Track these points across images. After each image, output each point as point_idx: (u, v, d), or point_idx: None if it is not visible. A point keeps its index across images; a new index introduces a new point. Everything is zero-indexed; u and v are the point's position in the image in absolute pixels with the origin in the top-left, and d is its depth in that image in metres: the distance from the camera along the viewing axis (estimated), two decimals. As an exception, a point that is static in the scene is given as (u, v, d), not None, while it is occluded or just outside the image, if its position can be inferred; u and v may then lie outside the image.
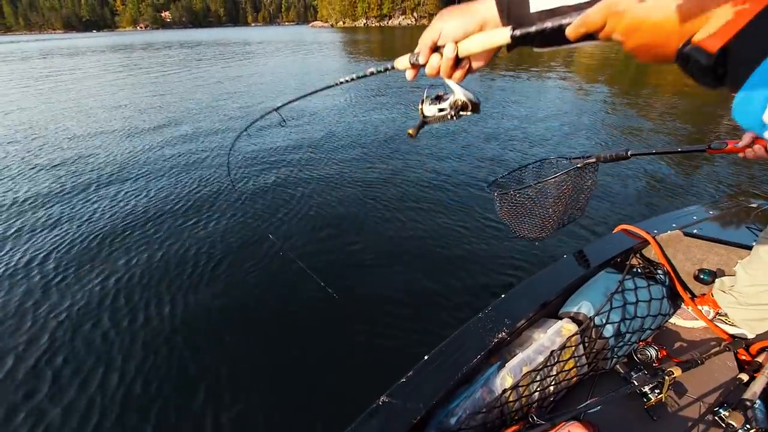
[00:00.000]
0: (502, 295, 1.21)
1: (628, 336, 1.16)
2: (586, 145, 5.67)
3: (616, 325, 1.12)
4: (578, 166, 1.49)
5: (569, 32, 0.45)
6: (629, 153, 1.41)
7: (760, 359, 1.19)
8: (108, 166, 5.29)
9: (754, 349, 1.25)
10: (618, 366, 1.16)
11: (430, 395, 0.94)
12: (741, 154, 0.98)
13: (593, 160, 1.51)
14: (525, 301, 1.19)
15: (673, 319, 1.38)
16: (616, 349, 1.16)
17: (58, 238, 3.49)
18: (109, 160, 5.57)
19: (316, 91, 0.86)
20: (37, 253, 3.26)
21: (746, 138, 0.96)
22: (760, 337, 1.25)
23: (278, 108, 1.01)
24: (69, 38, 71.55)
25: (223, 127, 7.23)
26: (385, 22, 76.12)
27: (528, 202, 1.63)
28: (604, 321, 1.11)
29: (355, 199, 4.07)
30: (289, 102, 0.97)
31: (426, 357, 1.03)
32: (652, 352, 1.16)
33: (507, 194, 1.61)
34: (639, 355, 1.17)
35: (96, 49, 33.41)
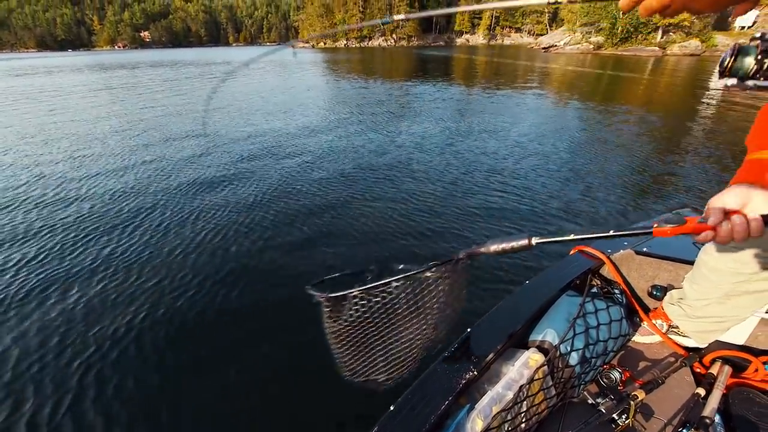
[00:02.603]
0: (468, 329, 1.19)
1: (593, 361, 1.17)
2: (558, 170, 5.77)
3: (581, 351, 1.13)
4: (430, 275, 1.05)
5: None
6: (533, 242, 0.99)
7: (713, 371, 1.22)
8: (89, 198, 5.11)
9: (706, 360, 1.28)
10: (585, 393, 1.17)
11: None
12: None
13: (462, 256, 1.10)
14: (491, 334, 1.17)
15: (632, 337, 1.42)
16: (582, 375, 1.16)
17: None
18: (93, 188, 5.39)
19: None
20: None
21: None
22: (710, 349, 1.29)
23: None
24: (43, 57, 69.97)
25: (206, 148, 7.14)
26: (365, 44, 77.98)
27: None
28: (569, 349, 1.12)
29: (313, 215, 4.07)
30: None
31: (392, 407, 0.98)
32: (616, 374, 1.17)
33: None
34: (604, 380, 1.18)
35: (74, 69, 32.74)
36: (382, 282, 1.09)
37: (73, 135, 8.32)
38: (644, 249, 1.49)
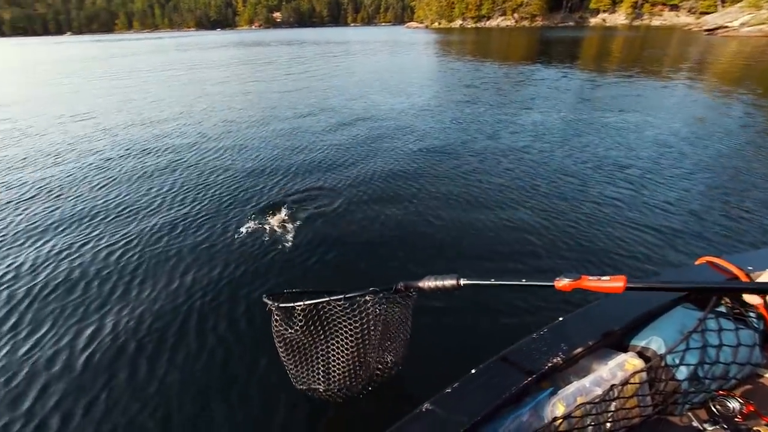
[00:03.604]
0: (560, 318, 1.18)
1: (706, 382, 1.06)
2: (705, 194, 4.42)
3: (691, 367, 1.03)
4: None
5: None
6: (461, 283, 1.25)
7: None
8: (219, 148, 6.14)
9: None
10: (690, 414, 1.06)
11: (475, 410, 0.92)
12: None
13: (401, 287, 1.36)
14: (584, 328, 1.14)
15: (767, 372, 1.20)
16: (690, 394, 1.06)
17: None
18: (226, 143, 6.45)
19: None
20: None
21: None
22: None
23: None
24: (200, 35, 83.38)
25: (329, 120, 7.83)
26: (482, 24, 73.84)
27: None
28: (677, 361, 1.03)
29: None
30: None
31: (473, 371, 1.03)
32: (734, 404, 1.04)
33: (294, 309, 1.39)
34: (717, 406, 1.05)
35: (222, 45, 38.38)
36: (324, 300, 1.38)
37: (225, 102, 9.90)
38: None
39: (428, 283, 1.32)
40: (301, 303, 1.41)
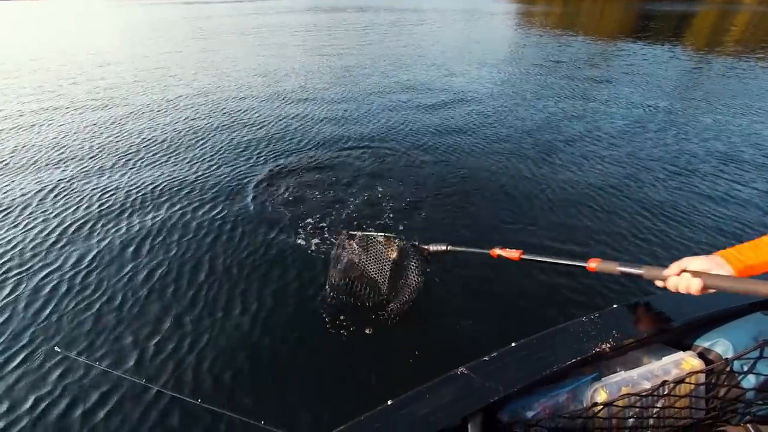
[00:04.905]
0: (614, 305, 1.13)
1: (777, 397, 0.97)
2: None
3: (762, 378, 0.95)
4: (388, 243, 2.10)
5: None
6: (448, 248, 1.78)
7: None
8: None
9: None
10: (750, 426, 0.99)
11: (511, 381, 0.92)
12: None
13: (410, 244, 2.05)
14: (639, 319, 1.09)
15: None
16: (754, 406, 0.98)
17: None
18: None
19: None
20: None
21: None
22: None
23: None
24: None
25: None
26: (574, -7, 66.04)
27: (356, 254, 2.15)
28: (744, 368, 0.95)
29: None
30: None
31: (513, 344, 1.03)
32: (807, 427, 0.95)
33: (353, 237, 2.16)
34: (786, 424, 0.97)
35: (298, 10, 38.98)
36: (372, 233, 2.16)
37: (303, 67, 10.25)
38: None
39: (432, 247, 1.87)
40: (359, 233, 2.19)
